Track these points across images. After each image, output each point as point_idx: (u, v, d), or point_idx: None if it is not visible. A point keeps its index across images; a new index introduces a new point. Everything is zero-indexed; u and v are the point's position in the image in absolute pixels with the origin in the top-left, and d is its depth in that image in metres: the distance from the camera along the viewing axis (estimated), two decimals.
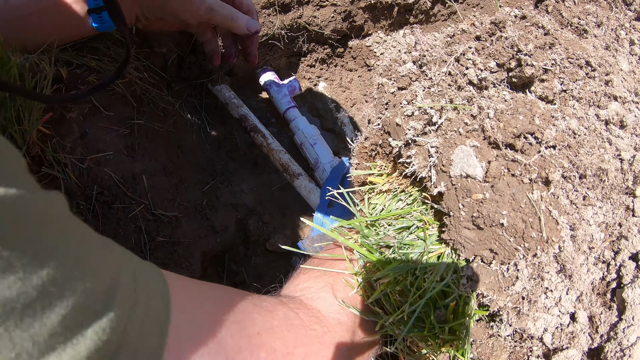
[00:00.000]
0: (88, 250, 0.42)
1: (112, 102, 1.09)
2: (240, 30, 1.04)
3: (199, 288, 0.64)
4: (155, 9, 1.00)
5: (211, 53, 1.20)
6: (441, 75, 0.75)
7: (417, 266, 0.69)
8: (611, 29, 1.09)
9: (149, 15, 1.03)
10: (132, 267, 0.48)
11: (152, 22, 1.06)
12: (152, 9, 1.01)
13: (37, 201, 0.38)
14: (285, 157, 1.26)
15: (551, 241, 0.66)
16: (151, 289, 0.49)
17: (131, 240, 1.03)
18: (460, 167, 0.66)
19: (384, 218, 0.77)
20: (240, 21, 1.03)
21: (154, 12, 1.02)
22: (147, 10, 1.01)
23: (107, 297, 0.41)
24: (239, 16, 1.02)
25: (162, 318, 0.48)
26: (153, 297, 0.48)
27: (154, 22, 1.05)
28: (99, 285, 0.41)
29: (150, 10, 1.01)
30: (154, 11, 1.01)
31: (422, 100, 0.71)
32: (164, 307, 0.49)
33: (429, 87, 0.75)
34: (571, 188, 0.73)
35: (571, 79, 0.86)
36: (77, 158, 1.02)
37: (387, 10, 1.46)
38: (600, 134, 0.80)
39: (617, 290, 0.77)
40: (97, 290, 0.40)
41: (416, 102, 0.71)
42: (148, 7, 1.00)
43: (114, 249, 0.50)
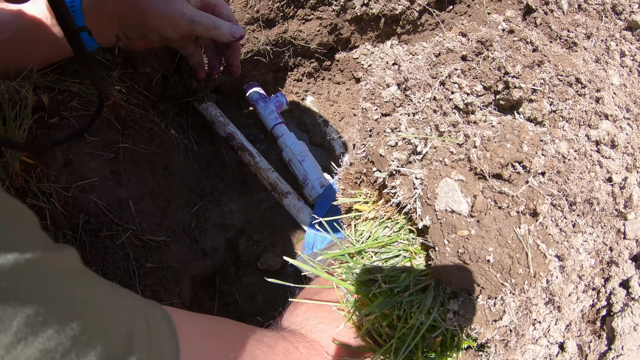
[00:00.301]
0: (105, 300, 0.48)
1: (96, 126, 1.07)
2: (224, 37, 1.02)
3: (206, 327, 0.67)
4: (135, 27, 0.98)
5: (196, 66, 1.18)
6: (426, 101, 0.73)
7: (403, 300, 0.68)
8: (601, 40, 1.07)
9: (129, 33, 1.00)
10: (143, 312, 0.53)
11: (133, 41, 1.03)
12: (132, 27, 0.98)
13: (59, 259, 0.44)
14: (273, 175, 1.24)
15: (539, 276, 0.64)
16: (161, 331, 0.54)
17: (119, 268, 1.02)
18: (445, 201, 0.64)
19: (370, 247, 0.75)
20: (223, 28, 1.01)
21: (134, 31, 0.99)
22: (127, 29, 0.99)
23: (128, 343, 0.47)
24: (221, 24, 1.00)
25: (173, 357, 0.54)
26: (164, 339, 0.54)
27: (135, 40, 1.03)
28: (119, 332, 0.46)
29: (131, 29, 0.99)
30: (135, 29, 0.99)
31: (406, 130, 0.70)
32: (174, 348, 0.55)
33: (413, 113, 0.73)
34: (560, 216, 0.71)
35: (561, 98, 0.84)
36: (62, 187, 1.01)
37: (373, 22, 1.43)
38: (591, 157, 0.79)
39: (607, 318, 0.76)
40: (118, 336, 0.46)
41: (400, 132, 0.69)
42: (128, 25, 0.98)
43: (124, 295, 0.54)
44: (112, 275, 1.01)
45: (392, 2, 1.39)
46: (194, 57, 1.16)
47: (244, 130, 1.44)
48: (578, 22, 1.09)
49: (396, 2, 1.39)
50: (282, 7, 1.30)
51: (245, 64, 1.36)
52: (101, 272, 1.01)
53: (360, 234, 0.80)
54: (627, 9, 1.10)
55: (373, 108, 0.76)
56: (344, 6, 1.36)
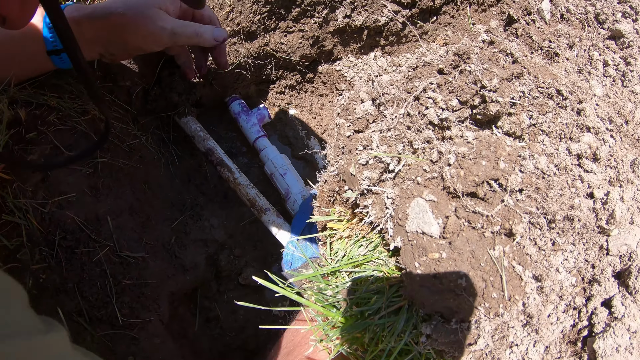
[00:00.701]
0: None
1: (74, 141, 1.05)
2: (207, 43, 1.01)
3: None
4: (118, 46, 0.98)
5: (184, 67, 1.17)
6: (399, 117, 0.72)
7: (374, 323, 0.66)
8: (584, 49, 1.05)
9: (113, 51, 1.00)
10: None
11: (117, 57, 1.03)
12: (115, 47, 0.98)
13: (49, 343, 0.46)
14: (252, 191, 1.23)
15: (514, 299, 0.62)
16: None
17: (96, 285, 1.00)
18: (416, 222, 0.62)
19: (344, 268, 0.73)
20: (205, 35, 1.00)
21: (117, 49, 0.99)
22: (110, 47, 0.98)
23: None
24: (203, 30, 0.99)
25: None
26: None
27: (119, 56, 1.03)
28: None
29: (114, 48, 0.98)
30: (118, 48, 0.98)
31: (377, 147, 0.68)
32: None
33: (386, 129, 0.72)
34: (539, 234, 0.69)
35: (540, 111, 0.82)
36: (38, 202, 0.99)
37: (356, 33, 1.42)
38: (572, 172, 0.77)
39: (589, 339, 0.74)
40: None
41: (371, 150, 0.68)
42: (110, 45, 0.97)
43: None
44: (88, 292, 0.99)
45: (375, 14, 1.37)
46: (181, 58, 1.16)
47: (226, 144, 1.43)
48: (560, 32, 1.07)
49: (379, 13, 1.38)
50: (264, 19, 1.28)
51: (227, 77, 1.35)
52: (77, 290, 0.99)
53: (335, 252, 0.78)
54: (611, 17, 1.08)
55: (346, 124, 0.74)
56: (326, 18, 1.35)
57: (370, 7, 1.37)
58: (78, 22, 0.89)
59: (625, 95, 0.98)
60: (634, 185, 0.82)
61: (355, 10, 1.36)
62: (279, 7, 1.28)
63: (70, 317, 0.97)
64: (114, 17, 0.90)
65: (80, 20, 0.90)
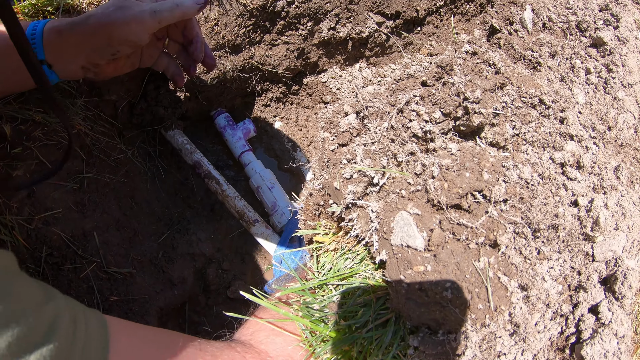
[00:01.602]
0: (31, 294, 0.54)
1: (60, 156, 1.04)
2: (191, 10, 0.96)
3: (144, 333, 0.71)
4: (103, 49, 0.93)
5: (174, 76, 1.14)
6: (382, 130, 0.72)
7: (361, 336, 0.65)
8: (566, 58, 1.06)
9: (97, 59, 0.95)
10: (72, 313, 0.58)
11: (102, 68, 0.98)
12: (100, 51, 0.94)
13: None
14: (241, 203, 1.22)
15: (500, 310, 0.62)
16: (91, 333, 0.59)
17: (84, 301, 0.99)
18: (400, 236, 0.62)
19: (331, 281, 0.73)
20: (186, 3, 0.97)
21: (103, 53, 0.94)
22: (94, 53, 0.94)
23: (48, 333, 0.52)
24: (181, 0, 0.97)
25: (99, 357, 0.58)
26: (92, 338, 0.58)
27: (104, 66, 0.98)
28: (39, 323, 0.52)
29: (98, 52, 0.94)
30: (103, 51, 0.94)
31: (361, 161, 0.68)
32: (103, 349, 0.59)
33: (370, 143, 0.72)
34: (524, 244, 0.70)
35: (524, 121, 0.83)
36: (24, 219, 0.98)
37: (341, 45, 1.43)
38: (555, 180, 0.77)
39: (577, 345, 0.74)
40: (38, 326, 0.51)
41: (355, 164, 0.68)
42: (95, 50, 0.94)
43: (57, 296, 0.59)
44: None
45: (359, 26, 1.38)
46: (170, 68, 1.13)
47: (212, 157, 1.42)
48: (542, 41, 1.08)
49: (363, 25, 1.39)
50: (249, 32, 1.28)
51: (212, 90, 1.34)
52: None
53: (322, 265, 0.78)
54: (592, 25, 1.09)
55: (330, 138, 0.75)
56: (310, 30, 1.35)
57: (354, 19, 1.37)
58: (59, 32, 0.88)
59: (608, 102, 0.99)
60: (617, 192, 0.83)
61: (340, 22, 1.37)
62: (264, 20, 1.28)
63: None
64: (94, 18, 0.89)
65: (62, 29, 0.89)
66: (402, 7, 1.39)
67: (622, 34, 1.10)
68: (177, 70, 1.14)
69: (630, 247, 0.82)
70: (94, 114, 1.13)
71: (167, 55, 1.12)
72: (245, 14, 1.24)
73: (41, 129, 1.03)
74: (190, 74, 1.14)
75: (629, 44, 1.10)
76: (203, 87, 1.31)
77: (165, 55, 1.11)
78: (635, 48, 1.12)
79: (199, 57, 1.08)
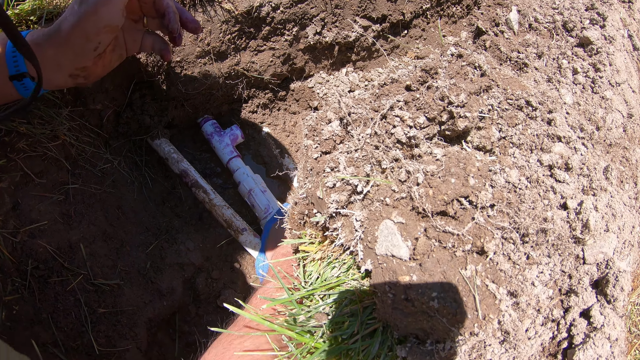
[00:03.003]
0: None
1: (45, 167, 1.03)
2: None
3: None
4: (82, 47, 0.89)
5: (160, 51, 1.08)
6: (366, 137, 0.71)
7: (348, 347, 0.64)
8: (553, 58, 1.06)
9: (82, 62, 0.91)
10: None
11: (91, 69, 0.95)
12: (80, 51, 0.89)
13: None
14: (228, 212, 1.21)
15: (489, 318, 0.61)
16: None
17: (71, 314, 0.97)
18: (385, 245, 0.61)
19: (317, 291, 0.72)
20: None
21: (84, 53, 0.90)
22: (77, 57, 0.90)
23: None
24: None
25: None
26: None
27: (92, 67, 0.94)
28: None
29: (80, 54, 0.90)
30: (83, 51, 0.89)
31: (344, 169, 0.67)
32: None
33: (353, 150, 0.71)
34: (512, 249, 0.69)
35: (510, 123, 0.82)
36: (9, 232, 0.97)
37: (327, 50, 1.42)
38: (544, 183, 0.76)
39: (569, 351, 0.73)
40: None
41: (338, 173, 0.67)
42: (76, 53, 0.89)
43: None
44: (63, 322, 0.97)
45: (345, 30, 1.37)
46: (156, 45, 1.08)
47: (200, 165, 1.41)
48: (529, 42, 1.08)
49: (349, 29, 1.38)
50: (234, 39, 1.27)
51: (198, 98, 1.33)
52: (52, 320, 0.97)
53: (309, 274, 0.77)
54: (578, 25, 1.09)
55: (313, 146, 0.73)
56: (296, 36, 1.34)
57: (340, 23, 1.36)
58: (38, 45, 0.87)
59: (596, 101, 0.99)
60: (607, 193, 0.82)
61: (326, 27, 1.36)
62: (249, 26, 1.27)
63: (46, 348, 0.95)
64: (65, 23, 0.86)
65: (40, 41, 0.87)
66: (388, 10, 1.39)
67: (608, 33, 1.10)
68: (163, 45, 1.09)
69: (622, 248, 0.81)
70: (79, 124, 1.11)
71: (150, 33, 1.06)
72: (229, 21, 1.23)
73: (25, 140, 1.02)
74: (176, 44, 1.09)
75: (616, 42, 1.09)
76: (189, 95, 1.30)
77: (148, 34, 1.06)
78: (622, 47, 1.12)
79: (174, 27, 1.03)
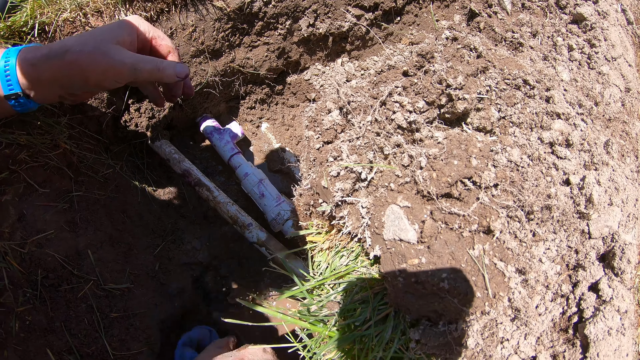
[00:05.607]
0: None
1: (47, 177, 1.03)
2: (169, 79, 0.97)
3: None
4: (78, 85, 0.93)
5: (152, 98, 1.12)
6: (367, 124, 0.71)
7: (362, 334, 0.65)
8: (547, 36, 1.06)
9: (73, 91, 0.96)
10: None
11: (79, 96, 0.99)
12: (75, 86, 0.93)
13: None
14: (233, 208, 1.21)
15: (499, 296, 0.62)
16: None
17: (84, 321, 0.98)
18: (392, 230, 0.62)
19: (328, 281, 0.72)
20: (167, 70, 0.95)
21: (77, 88, 0.95)
22: (70, 87, 0.94)
23: None
24: (164, 65, 0.95)
25: None
26: None
27: (81, 95, 0.98)
28: None
29: (74, 87, 0.94)
30: (78, 87, 0.94)
31: (347, 157, 0.67)
32: None
33: (355, 138, 0.71)
34: (518, 227, 0.69)
35: (509, 103, 0.82)
36: (17, 244, 0.97)
37: (321, 41, 1.41)
38: (545, 160, 0.77)
39: (579, 325, 0.74)
40: None
41: (342, 161, 0.67)
42: (70, 85, 0.93)
43: None
44: (76, 329, 0.98)
45: (338, 20, 1.37)
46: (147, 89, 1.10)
47: (202, 164, 1.41)
48: (522, 22, 1.08)
49: (342, 19, 1.37)
50: (227, 36, 1.27)
51: (196, 97, 1.33)
52: (65, 328, 0.97)
53: (318, 264, 0.77)
54: (572, 1, 1.09)
55: (315, 136, 0.74)
56: (290, 29, 1.34)
57: (333, 14, 1.36)
58: (33, 64, 0.87)
59: (593, 77, 0.99)
60: (609, 167, 0.82)
61: (319, 19, 1.35)
62: (242, 22, 1.27)
63: (61, 356, 0.96)
64: (70, 55, 0.87)
65: (36, 62, 0.87)
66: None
67: (602, 8, 1.10)
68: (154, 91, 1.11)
69: (627, 221, 0.82)
70: (79, 131, 1.11)
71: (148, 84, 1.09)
72: (222, 18, 1.23)
73: (26, 151, 1.02)
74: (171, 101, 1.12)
75: (610, 17, 1.09)
76: None
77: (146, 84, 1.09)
78: (616, 21, 1.11)
79: (177, 93, 1.06)
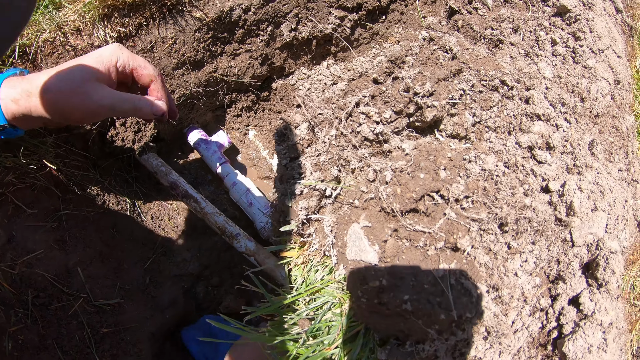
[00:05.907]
0: None
1: (35, 197, 1.04)
2: (147, 117, 0.98)
3: None
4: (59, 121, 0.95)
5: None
6: (331, 139, 0.69)
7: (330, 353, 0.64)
8: (529, 31, 1.02)
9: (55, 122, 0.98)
10: None
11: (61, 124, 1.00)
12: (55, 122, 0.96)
13: None
14: (221, 219, 1.21)
15: (465, 317, 0.60)
16: None
17: (75, 337, 0.99)
18: (354, 251, 0.60)
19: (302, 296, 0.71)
20: (144, 110, 0.96)
21: (59, 123, 0.97)
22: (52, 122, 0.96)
23: None
24: (141, 105, 0.96)
25: None
26: None
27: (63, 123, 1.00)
28: None
29: (55, 123, 0.97)
30: (60, 123, 0.97)
31: (310, 175, 0.66)
32: None
33: (321, 153, 0.69)
34: (492, 239, 0.67)
35: (484, 106, 0.80)
36: (7, 265, 0.98)
37: (305, 45, 1.39)
38: (523, 167, 0.74)
39: (558, 341, 0.71)
40: None
41: (304, 180, 0.66)
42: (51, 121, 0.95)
43: None
44: (68, 346, 0.99)
45: (321, 23, 1.35)
46: None
47: (190, 175, 1.41)
48: (503, 17, 1.04)
49: (325, 22, 1.35)
50: (208, 46, 1.26)
51: (181, 109, 1.33)
52: (57, 346, 0.98)
53: (294, 279, 0.76)
54: None
55: (283, 151, 0.72)
56: (271, 35, 1.33)
57: (315, 17, 1.34)
58: (16, 101, 0.88)
59: (578, 71, 0.95)
60: (593, 169, 0.79)
61: (301, 23, 1.34)
62: (222, 31, 1.26)
63: None
64: (50, 94, 0.88)
65: (19, 99, 0.88)
66: None
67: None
68: None
69: (615, 225, 0.78)
70: (66, 150, 1.12)
71: None
72: (202, 28, 1.21)
73: (12, 173, 1.03)
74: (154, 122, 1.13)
75: (596, 7, 1.04)
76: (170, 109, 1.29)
77: None
78: (602, 11, 1.07)
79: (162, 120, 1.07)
